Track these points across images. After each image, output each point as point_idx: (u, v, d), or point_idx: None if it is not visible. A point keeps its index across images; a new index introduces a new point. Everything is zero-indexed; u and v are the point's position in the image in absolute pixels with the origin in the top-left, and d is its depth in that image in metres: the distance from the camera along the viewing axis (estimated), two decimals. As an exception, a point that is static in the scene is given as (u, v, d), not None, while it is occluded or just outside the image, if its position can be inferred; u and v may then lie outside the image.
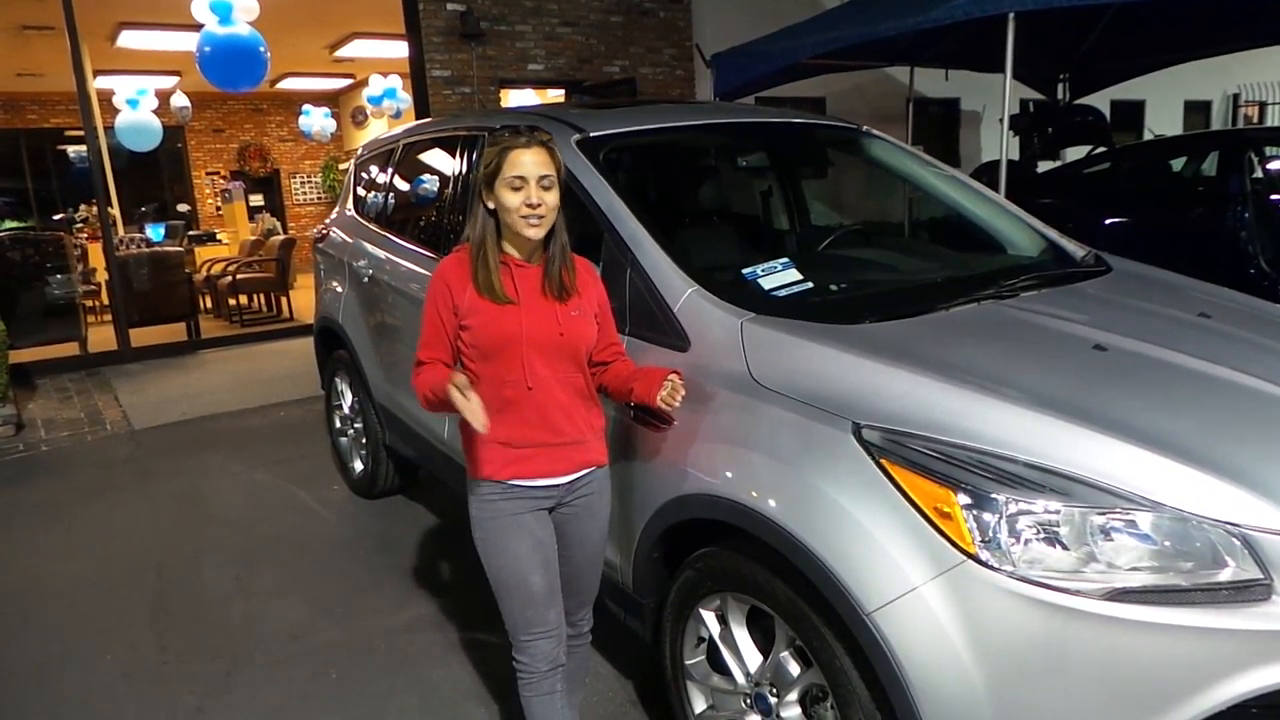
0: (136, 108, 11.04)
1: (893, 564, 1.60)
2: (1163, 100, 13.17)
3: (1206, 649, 1.45)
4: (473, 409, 1.73)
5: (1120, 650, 1.46)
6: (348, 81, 14.56)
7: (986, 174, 7.03)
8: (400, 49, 8.80)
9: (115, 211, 10.42)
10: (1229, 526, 1.50)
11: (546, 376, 1.92)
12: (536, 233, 1.88)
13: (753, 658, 2.00)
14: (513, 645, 2.02)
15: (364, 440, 4.18)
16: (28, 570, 3.74)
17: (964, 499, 1.57)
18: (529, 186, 1.85)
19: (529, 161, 1.86)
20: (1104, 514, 1.53)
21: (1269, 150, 6.67)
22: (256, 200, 15.51)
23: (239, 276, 9.80)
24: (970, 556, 1.53)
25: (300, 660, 2.93)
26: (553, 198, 1.89)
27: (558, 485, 1.98)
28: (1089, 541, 1.52)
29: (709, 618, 2.08)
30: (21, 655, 3.06)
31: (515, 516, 1.96)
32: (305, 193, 16.69)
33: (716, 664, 2.11)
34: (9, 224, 10.76)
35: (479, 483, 1.97)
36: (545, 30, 8.78)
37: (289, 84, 14.25)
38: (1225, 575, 1.49)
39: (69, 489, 4.68)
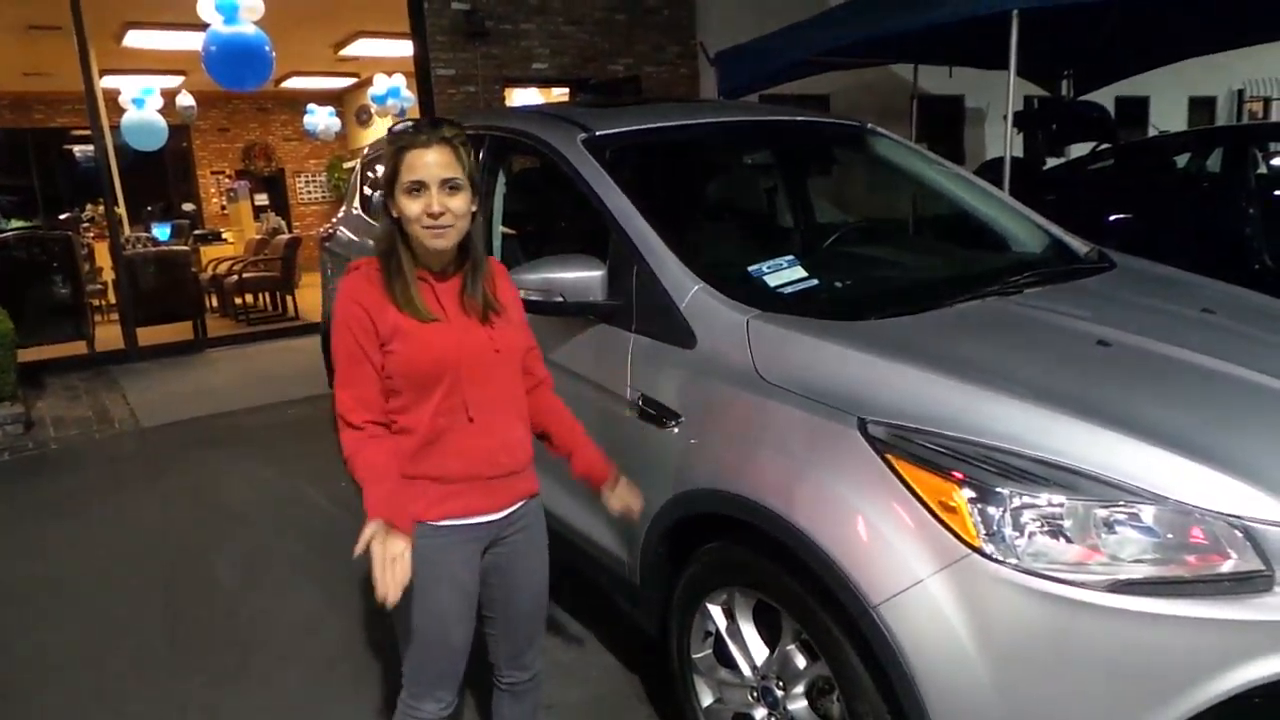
0: (142, 107, 11.10)
1: (898, 557, 1.62)
2: (1167, 96, 13.14)
3: (1209, 639, 1.47)
4: (389, 581, 1.54)
5: (1124, 641, 1.48)
6: (352, 81, 14.59)
7: (991, 171, 7.03)
8: (405, 48, 8.83)
9: (121, 211, 10.45)
10: (1231, 519, 1.52)
11: (487, 401, 1.73)
12: (441, 244, 1.66)
13: (759, 651, 2.01)
14: (409, 692, 1.85)
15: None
16: (40, 566, 3.78)
17: (969, 493, 1.58)
18: (429, 192, 1.62)
19: (430, 162, 1.62)
20: (1107, 507, 1.54)
21: (1273, 146, 6.68)
22: (262, 199, 15.55)
23: (245, 275, 9.85)
24: (975, 550, 1.55)
25: (311, 653, 2.96)
26: (460, 202, 1.65)
27: (491, 522, 1.78)
28: (1093, 534, 1.54)
29: (716, 612, 2.09)
30: (35, 649, 3.09)
31: (443, 565, 1.73)
32: (310, 192, 16.71)
33: (723, 658, 2.12)
34: (15, 223, 10.81)
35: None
36: (550, 29, 8.79)
37: (294, 83, 14.27)
38: (1227, 567, 1.51)
39: (79, 486, 4.71)
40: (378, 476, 1.64)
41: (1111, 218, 6.71)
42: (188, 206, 14.79)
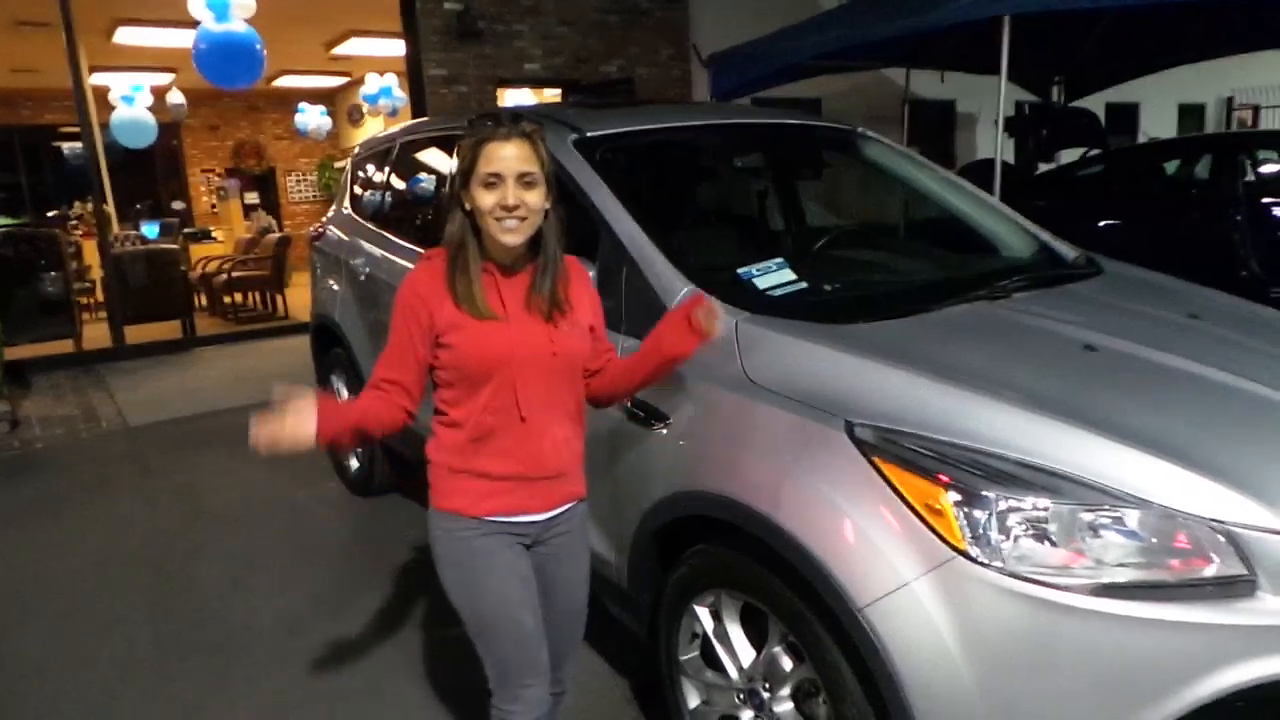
0: (132, 104, 11.03)
1: (884, 560, 1.62)
2: (1157, 103, 13.22)
3: (1192, 644, 1.47)
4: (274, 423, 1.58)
5: (1108, 645, 1.48)
6: (344, 80, 14.55)
7: (974, 172, 7.05)
8: (397, 47, 8.81)
9: (110, 208, 10.39)
10: (1214, 523, 1.53)
11: (540, 402, 1.71)
12: (513, 239, 1.65)
13: (746, 653, 2.01)
14: (497, 695, 1.81)
15: (360, 438, 4.18)
16: (24, 567, 3.75)
17: (955, 496, 1.59)
18: (505, 185, 1.62)
19: (508, 156, 1.62)
20: (1092, 511, 1.55)
21: (1261, 154, 6.72)
22: (252, 198, 15.50)
23: (234, 274, 9.80)
24: (960, 553, 1.55)
25: (297, 656, 2.94)
26: (535, 197, 1.65)
27: (535, 522, 1.79)
28: (1078, 538, 1.54)
29: (703, 614, 2.09)
30: (19, 651, 3.07)
31: (495, 554, 1.75)
32: (301, 191, 16.66)
33: (710, 660, 2.12)
34: (2, 221, 10.74)
35: (447, 516, 1.76)
36: (542, 30, 8.78)
37: (285, 82, 14.22)
38: (1210, 571, 1.52)
39: (65, 485, 4.68)
40: (366, 405, 1.74)
41: (1100, 223, 6.75)
42: (177, 205, 14.73)
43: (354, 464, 4.32)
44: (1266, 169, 6.60)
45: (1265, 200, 6.11)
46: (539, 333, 1.70)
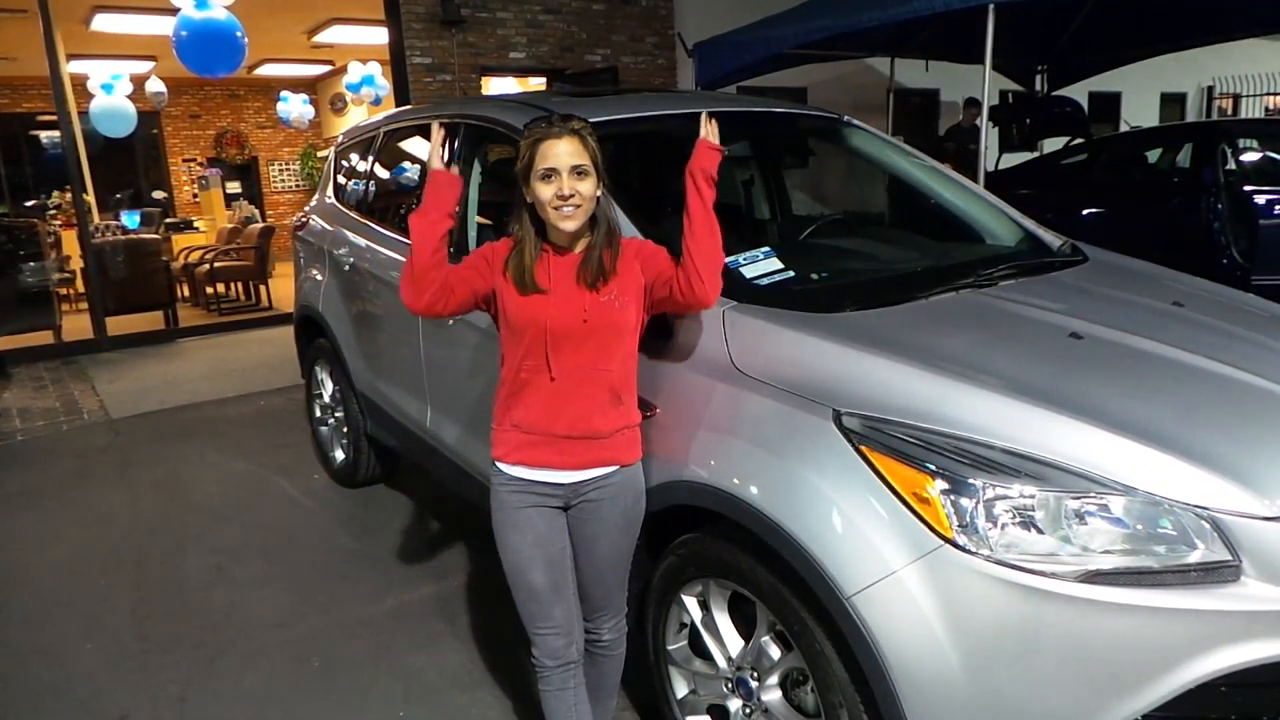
0: (111, 93, 10.86)
1: (872, 549, 1.63)
2: (1139, 92, 13.28)
3: (1177, 629, 1.49)
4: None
5: (1094, 631, 1.50)
6: (326, 68, 14.40)
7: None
8: (380, 35, 8.73)
9: (90, 198, 10.25)
10: (1199, 510, 1.54)
11: (571, 368, 1.87)
12: (570, 225, 1.84)
13: (734, 642, 2.02)
14: (531, 643, 2.02)
15: (345, 429, 4.17)
16: (5, 560, 3.71)
17: (942, 484, 1.59)
18: (560, 178, 1.82)
19: (561, 152, 1.82)
20: (1078, 498, 1.56)
21: (1242, 142, 6.76)
22: (234, 187, 15.33)
23: (217, 264, 9.71)
24: (948, 541, 1.56)
25: (283, 648, 2.93)
26: (587, 186, 1.84)
27: (563, 484, 1.92)
28: (1064, 525, 1.55)
29: (691, 603, 2.10)
30: (0, 645, 3.04)
31: (518, 511, 1.94)
32: (283, 180, 16.51)
33: (698, 649, 2.13)
34: (-20, 210, 10.60)
35: (494, 468, 1.98)
36: (527, 17, 8.72)
37: (267, 70, 14.07)
38: (1195, 557, 1.53)
39: (46, 478, 4.63)
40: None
41: (1084, 211, 6.78)
42: (158, 194, 14.54)
43: (339, 455, 4.30)
44: (1247, 157, 6.64)
45: (1246, 188, 6.15)
46: (576, 303, 1.86)
